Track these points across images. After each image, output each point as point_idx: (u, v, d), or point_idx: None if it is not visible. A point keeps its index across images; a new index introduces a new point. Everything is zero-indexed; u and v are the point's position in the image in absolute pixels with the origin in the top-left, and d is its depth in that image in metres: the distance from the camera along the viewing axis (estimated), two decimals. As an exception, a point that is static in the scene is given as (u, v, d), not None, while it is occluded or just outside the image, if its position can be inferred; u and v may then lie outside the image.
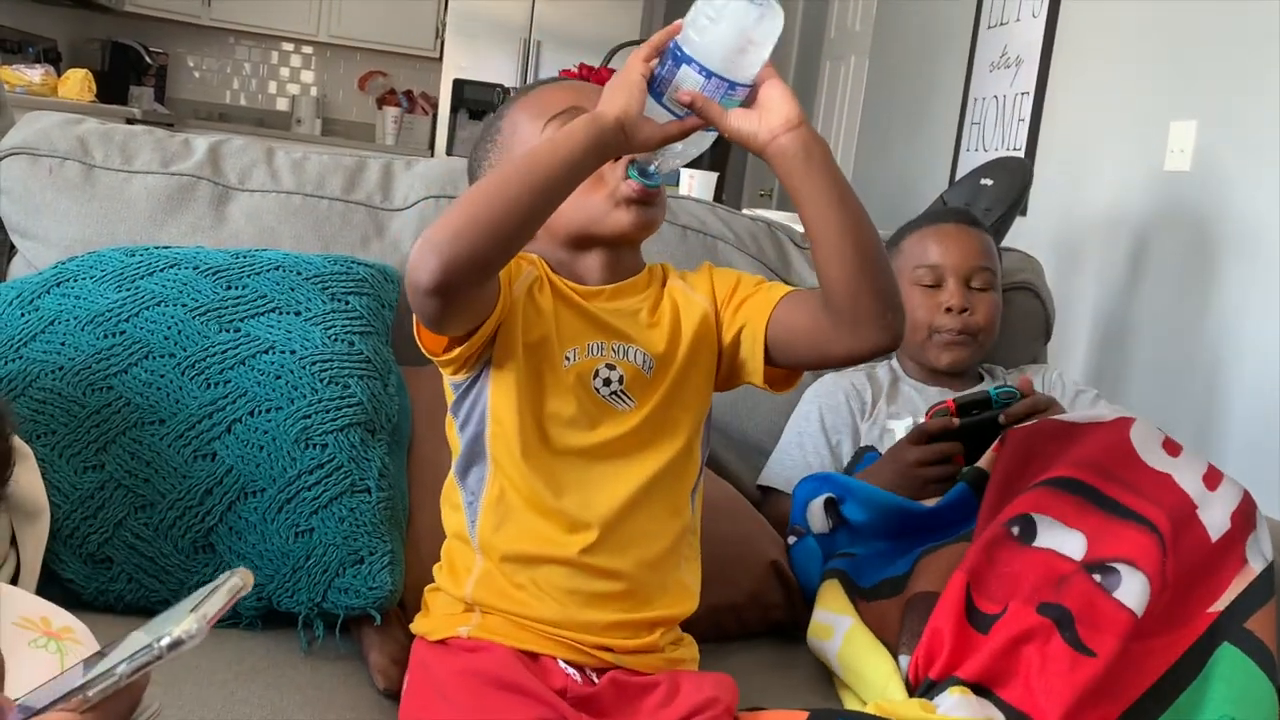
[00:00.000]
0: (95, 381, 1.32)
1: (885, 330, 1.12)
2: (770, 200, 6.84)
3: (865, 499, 1.47)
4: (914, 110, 4.78)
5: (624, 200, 1.18)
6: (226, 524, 1.28)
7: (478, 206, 1.02)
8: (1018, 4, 4.03)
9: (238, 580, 0.64)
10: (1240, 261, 2.71)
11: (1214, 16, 2.92)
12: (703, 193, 3.07)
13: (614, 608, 1.16)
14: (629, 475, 1.17)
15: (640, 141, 1.07)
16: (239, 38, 7.09)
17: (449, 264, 1.00)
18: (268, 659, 1.23)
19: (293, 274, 1.45)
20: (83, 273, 1.44)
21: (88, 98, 4.93)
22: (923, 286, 1.76)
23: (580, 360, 1.18)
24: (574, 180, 1.06)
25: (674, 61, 1.07)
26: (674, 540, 1.20)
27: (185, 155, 1.67)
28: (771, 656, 1.43)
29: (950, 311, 1.73)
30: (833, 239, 1.09)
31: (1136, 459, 1.32)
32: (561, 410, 1.16)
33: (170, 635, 0.59)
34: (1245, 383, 2.65)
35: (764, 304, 1.21)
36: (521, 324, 1.16)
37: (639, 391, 1.19)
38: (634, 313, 1.22)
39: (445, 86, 6.45)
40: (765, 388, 1.23)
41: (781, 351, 1.20)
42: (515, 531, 1.16)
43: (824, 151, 1.10)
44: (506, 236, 1.03)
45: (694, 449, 1.23)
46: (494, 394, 1.17)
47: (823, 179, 1.09)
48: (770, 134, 1.08)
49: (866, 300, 1.10)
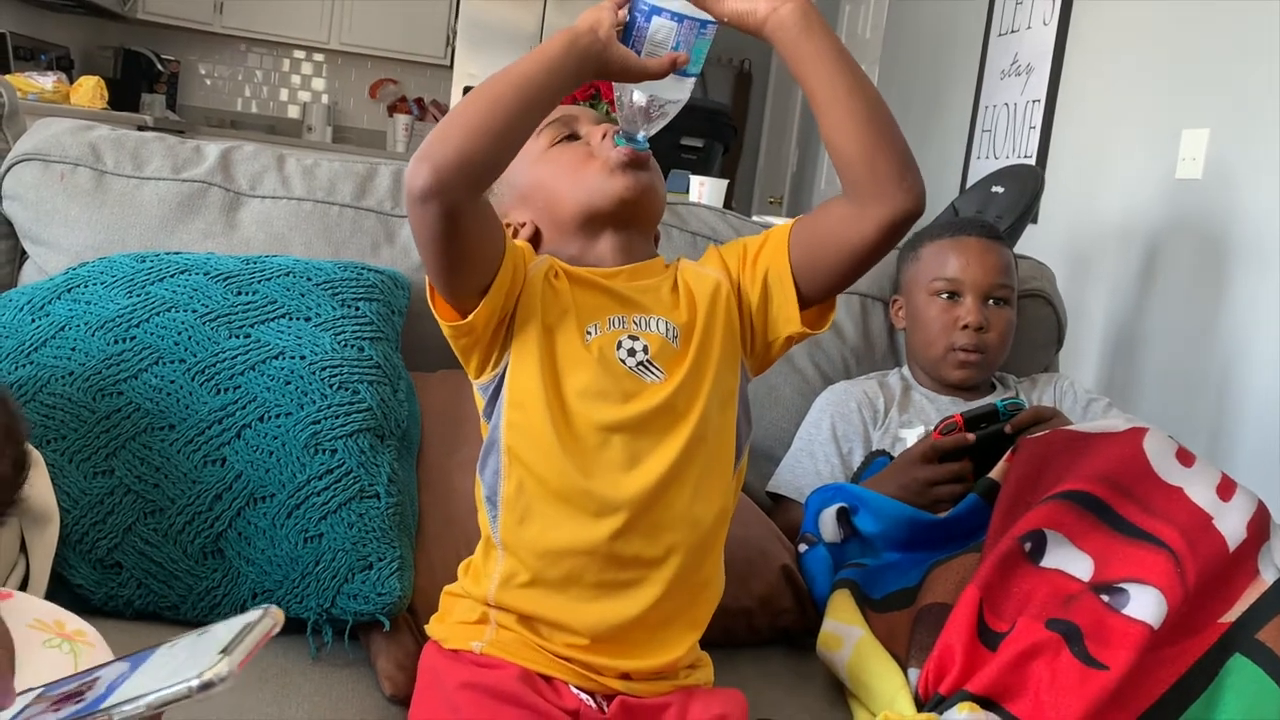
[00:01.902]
0: (105, 387, 1.33)
1: (908, 192, 1.12)
2: (780, 207, 6.84)
3: (878, 510, 1.46)
4: (925, 117, 4.77)
5: (617, 166, 1.21)
6: (236, 529, 1.28)
7: (464, 112, 1.06)
8: (1029, 11, 4.03)
9: (270, 621, 0.63)
10: (1252, 270, 2.70)
11: (1225, 25, 2.91)
12: (713, 200, 3.07)
13: (645, 599, 1.13)
14: (663, 451, 1.14)
15: (618, 61, 1.10)
16: (250, 45, 7.12)
17: (439, 166, 1.03)
18: (276, 665, 1.23)
19: (303, 280, 1.45)
20: (93, 278, 1.44)
21: (100, 105, 4.95)
22: (940, 299, 1.76)
23: (601, 334, 1.17)
24: (553, 84, 1.08)
25: (643, 17, 1.10)
26: (713, 524, 1.18)
27: (196, 161, 1.68)
28: (782, 667, 1.42)
29: (967, 328, 1.73)
30: (843, 101, 1.11)
31: (1150, 472, 1.31)
32: (590, 385, 1.15)
33: (201, 679, 0.58)
34: (1257, 391, 2.64)
35: (778, 241, 1.21)
36: (540, 304, 1.16)
37: (668, 363, 1.17)
38: (654, 289, 1.22)
39: (456, 94, 6.47)
40: (805, 332, 1.21)
41: (811, 275, 1.19)
42: (540, 525, 1.14)
43: (821, 18, 1.12)
44: (493, 135, 1.05)
45: (729, 424, 1.20)
46: (513, 382, 1.16)
47: (826, 44, 1.12)
48: (770, 6, 1.11)
49: (883, 160, 1.11)
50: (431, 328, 1.59)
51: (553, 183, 1.24)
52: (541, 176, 1.25)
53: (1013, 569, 1.26)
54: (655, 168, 1.25)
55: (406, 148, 6.94)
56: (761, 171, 7.68)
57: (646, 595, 1.13)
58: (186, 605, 1.28)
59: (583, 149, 1.25)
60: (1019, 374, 1.86)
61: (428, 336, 1.57)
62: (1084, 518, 1.27)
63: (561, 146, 1.27)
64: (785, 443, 1.78)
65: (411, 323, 1.56)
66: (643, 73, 1.11)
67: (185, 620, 1.29)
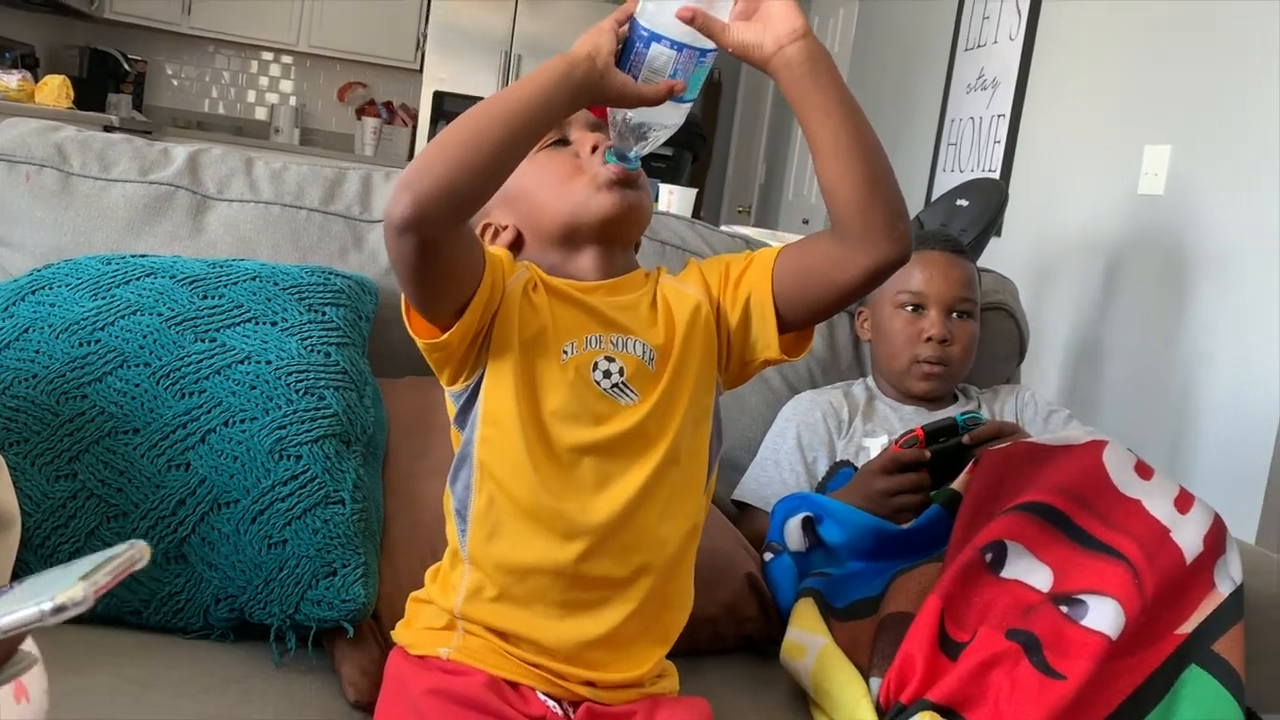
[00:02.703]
0: (69, 390, 1.32)
1: (897, 241, 1.11)
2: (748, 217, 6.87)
3: (843, 519, 1.47)
4: (891, 130, 4.80)
5: (606, 184, 1.19)
6: (199, 535, 1.28)
7: (448, 141, 1.02)
8: (995, 27, 4.07)
9: (134, 553, 0.63)
10: (1212, 284, 2.74)
11: (1189, 43, 2.95)
12: (682, 208, 3.08)
13: (613, 619, 1.13)
14: (633, 474, 1.14)
15: (616, 89, 1.08)
16: (218, 46, 7.08)
17: (420, 197, 1.00)
18: (239, 670, 1.22)
19: (270, 284, 1.45)
20: (58, 280, 1.43)
21: (65, 104, 4.91)
22: (905, 311, 1.78)
23: (578, 353, 1.16)
24: (545, 114, 1.06)
25: (641, 43, 1.08)
26: (682, 543, 1.18)
27: (164, 164, 1.67)
28: (747, 674, 1.43)
29: (930, 341, 1.75)
30: (845, 149, 1.09)
31: (1109, 485, 1.33)
32: (563, 406, 1.14)
33: (55, 601, 0.58)
34: (1216, 404, 2.68)
35: (762, 267, 1.20)
36: (518, 320, 1.14)
37: (643, 385, 1.16)
38: (633, 306, 1.21)
39: (425, 98, 6.46)
40: (783, 358, 1.20)
41: (793, 305, 1.18)
42: (508, 542, 1.13)
43: (830, 60, 1.09)
44: (477, 169, 1.02)
45: (702, 443, 1.20)
46: (489, 396, 1.14)
47: (833, 88, 1.09)
48: (776, 44, 1.08)
49: (879, 211, 1.10)
50: (399, 333, 1.58)
51: (539, 191, 1.22)
52: (528, 182, 1.21)
53: (974, 579, 1.27)
54: (645, 185, 1.23)
55: (375, 151, 6.92)
56: (730, 181, 7.70)
57: (614, 614, 1.14)
58: (149, 610, 1.28)
59: (572, 159, 1.23)
60: (981, 385, 1.88)
61: (395, 342, 1.57)
62: (1044, 529, 1.29)
63: (551, 152, 1.24)
64: (750, 450, 1.79)
65: (379, 328, 1.56)
66: (639, 100, 1.09)
67: (148, 626, 1.28)
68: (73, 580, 0.60)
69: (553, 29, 6.44)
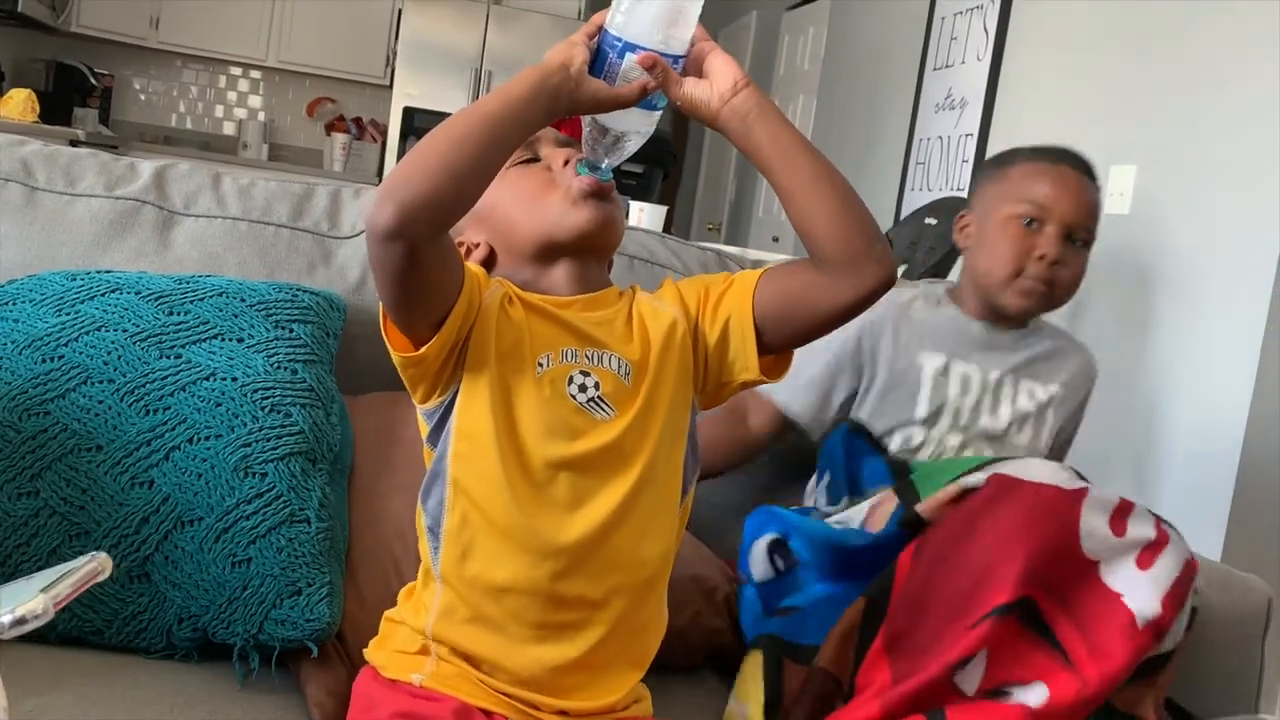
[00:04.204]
0: (31, 406, 1.30)
1: (879, 262, 1.12)
2: (719, 234, 6.89)
3: (807, 536, 1.46)
4: (860, 149, 4.83)
5: (580, 196, 1.19)
6: (163, 553, 1.27)
7: (428, 150, 1.03)
8: (963, 47, 4.10)
9: (96, 565, 0.63)
10: (1178, 303, 2.76)
11: (1154, 64, 2.98)
12: (652, 225, 3.09)
13: (587, 642, 1.12)
14: (608, 493, 1.13)
15: (590, 95, 1.09)
16: (186, 61, 7.05)
17: (404, 205, 1.00)
18: (204, 691, 1.21)
19: (236, 300, 1.44)
20: (22, 296, 1.42)
21: (30, 118, 4.88)
22: (1020, 223, 1.65)
23: (553, 366, 1.15)
24: (523, 122, 1.07)
25: (615, 53, 1.10)
26: (658, 564, 1.17)
27: (130, 179, 1.66)
28: (719, 693, 1.43)
29: (1042, 259, 1.64)
30: (808, 184, 1.12)
31: (1078, 555, 1.28)
32: (538, 420, 1.13)
33: (14, 614, 0.58)
34: (1182, 422, 2.70)
35: (743, 289, 1.20)
36: (495, 333, 1.14)
37: (619, 401, 1.16)
38: (609, 322, 1.20)
39: (395, 114, 6.45)
40: (762, 379, 1.20)
41: (775, 329, 1.18)
42: (481, 561, 1.12)
43: (773, 105, 1.13)
44: (459, 175, 1.03)
45: (677, 463, 1.20)
46: (463, 411, 1.14)
47: (782, 129, 1.13)
48: (722, 99, 1.12)
49: (856, 236, 1.11)
50: (367, 350, 1.59)
51: (511, 208, 1.22)
52: (500, 200, 1.21)
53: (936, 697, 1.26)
54: (616, 199, 1.23)
55: (344, 167, 6.90)
56: (700, 198, 7.73)
57: (588, 638, 1.13)
58: (112, 630, 1.26)
59: (544, 174, 1.23)
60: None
61: (363, 359, 1.57)
62: (1021, 636, 1.25)
63: (522, 170, 1.24)
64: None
65: (346, 345, 1.55)
66: (614, 102, 1.10)
67: (110, 645, 1.26)
68: (34, 593, 0.59)
69: (522, 45, 6.45)
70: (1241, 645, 1.56)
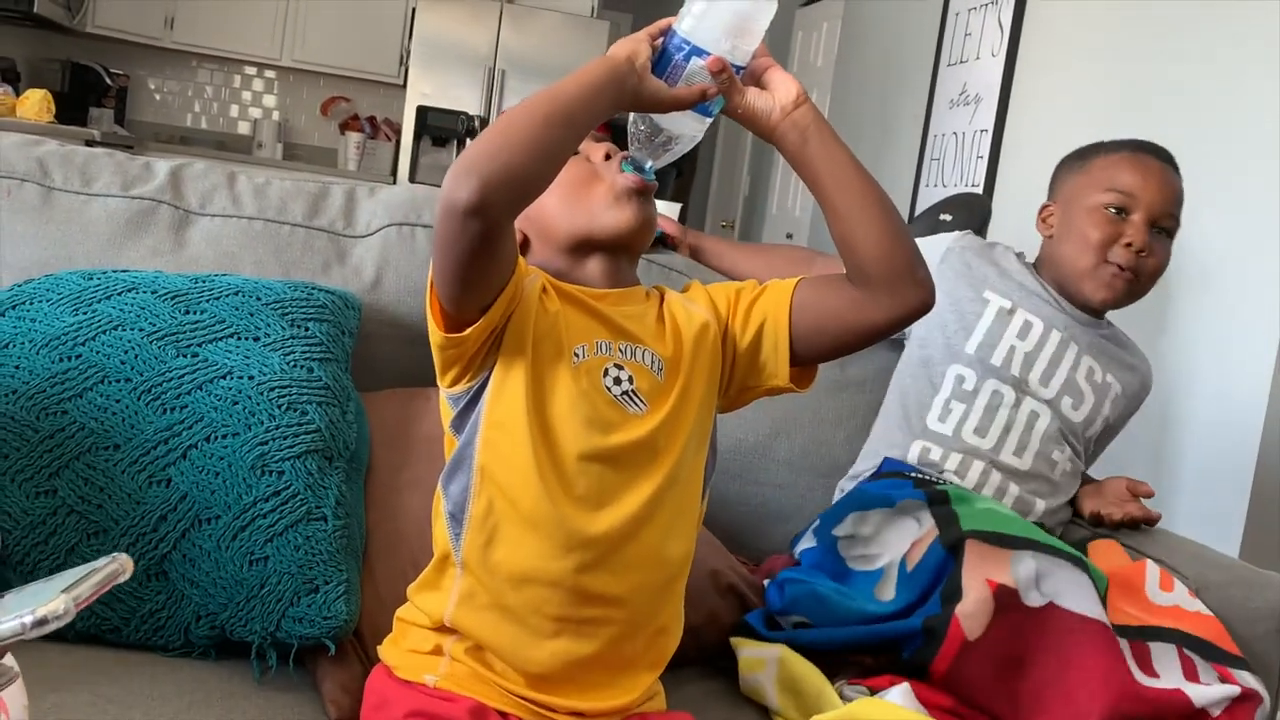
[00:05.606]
0: (49, 406, 1.31)
1: (921, 285, 1.14)
2: (733, 231, 6.88)
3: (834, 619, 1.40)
4: (874, 145, 4.82)
5: (623, 193, 1.20)
6: (180, 551, 1.27)
7: (508, 129, 1.04)
8: (977, 43, 4.09)
9: (117, 566, 0.63)
10: (1192, 297, 2.75)
11: (1169, 60, 2.97)
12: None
13: (604, 639, 1.12)
14: (638, 489, 1.13)
15: (651, 93, 1.10)
16: (201, 60, 7.07)
17: (487, 180, 1.00)
18: (220, 689, 1.21)
19: (252, 299, 1.44)
20: (39, 296, 1.42)
21: (46, 118, 4.89)
22: (1106, 211, 1.65)
23: (590, 357, 1.16)
24: (594, 108, 1.07)
25: (681, 55, 1.10)
26: (679, 565, 1.18)
27: (146, 179, 1.66)
28: (730, 686, 1.43)
29: (1129, 247, 1.63)
30: (857, 204, 1.13)
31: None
32: (572, 410, 1.13)
33: (36, 615, 0.58)
34: (1198, 416, 2.69)
35: (780, 296, 1.20)
36: (533, 320, 1.14)
37: (652, 396, 1.16)
38: (641, 317, 1.21)
39: (409, 113, 6.46)
40: (791, 388, 1.21)
41: (805, 340, 1.19)
42: (506, 549, 1.12)
43: (829, 125, 1.15)
44: (540, 152, 1.04)
45: (699, 468, 1.20)
46: (495, 398, 1.14)
47: (837, 148, 1.14)
48: (784, 111, 1.14)
49: (899, 258, 1.13)
50: (382, 348, 1.59)
51: (552, 198, 1.21)
52: None
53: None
54: (653, 204, 1.24)
55: (358, 165, 6.91)
56: (714, 195, 7.72)
57: (607, 635, 1.13)
58: (129, 628, 1.27)
59: (586, 166, 1.24)
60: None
61: (377, 357, 1.57)
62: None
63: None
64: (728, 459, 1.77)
65: (362, 343, 1.56)
66: (674, 103, 1.11)
67: (128, 643, 1.27)
68: (55, 593, 0.59)
69: (536, 44, 6.45)
70: (1259, 642, 1.55)
